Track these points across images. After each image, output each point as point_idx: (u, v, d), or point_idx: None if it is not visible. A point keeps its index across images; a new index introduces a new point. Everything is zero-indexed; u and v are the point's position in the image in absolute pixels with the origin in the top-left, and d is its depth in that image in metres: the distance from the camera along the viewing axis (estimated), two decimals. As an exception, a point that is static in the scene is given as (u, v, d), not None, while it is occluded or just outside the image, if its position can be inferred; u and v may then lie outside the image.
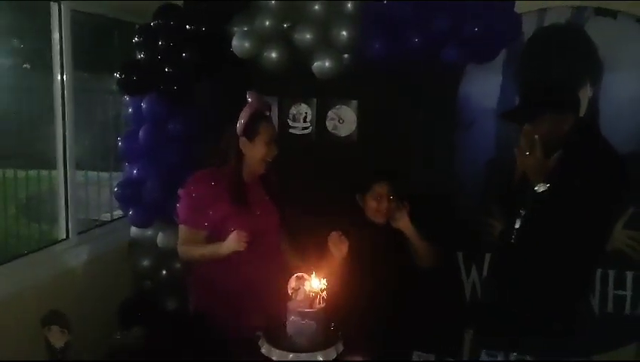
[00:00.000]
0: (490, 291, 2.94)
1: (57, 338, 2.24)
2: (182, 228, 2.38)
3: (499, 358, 2.05)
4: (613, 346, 3.00)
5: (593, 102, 2.96)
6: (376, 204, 2.56)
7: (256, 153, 2.34)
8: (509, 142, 2.71)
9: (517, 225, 2.39)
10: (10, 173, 3.19)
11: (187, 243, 2.36)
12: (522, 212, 2.38)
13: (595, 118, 2.93)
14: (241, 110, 2.32)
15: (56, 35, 3.03)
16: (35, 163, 3.31)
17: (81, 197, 3.36)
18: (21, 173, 3.25)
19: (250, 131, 2.32)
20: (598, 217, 2.26)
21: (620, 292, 2.97)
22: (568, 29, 2.99)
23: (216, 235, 2.32)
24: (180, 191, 2.37)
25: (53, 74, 3.04)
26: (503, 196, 2.58)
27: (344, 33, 2.83)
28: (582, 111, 2.91)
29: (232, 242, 2.21)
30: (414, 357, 2.07)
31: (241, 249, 2.20)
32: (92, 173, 3.68)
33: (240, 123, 2.31)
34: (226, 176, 2.34)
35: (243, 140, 2.32)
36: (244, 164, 2.36)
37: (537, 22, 3.02)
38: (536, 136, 2.23)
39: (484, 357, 2.08)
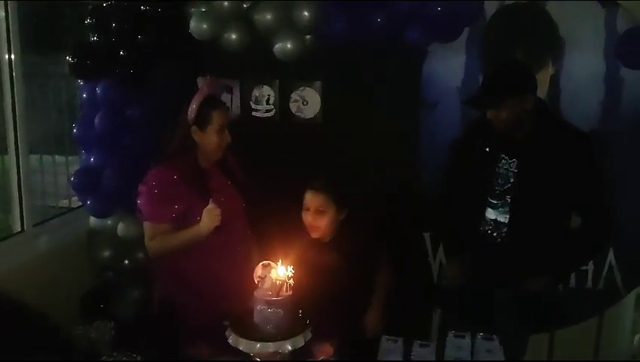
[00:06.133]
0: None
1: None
2: (147, 224, 2.30)
3: (466, 339, 2.05)
4: (576, 320, 3.06)
5: (555, 81, 2.97)
6: (307, 218, 2.36)
7: (208, 142, 2.28)
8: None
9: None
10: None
11: (155, 238, 2.28)
12: (497, 189, 2.40)
13: (557, 96, 2.95)
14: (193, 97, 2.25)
15: (1, 13, 2.89)
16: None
17: (36, 183, 3.23)
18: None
19: (200, 120, 2.25)
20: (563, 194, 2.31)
21: (582, 268, 3.02)
22: (529, 8, 2.98)
23: (182, 227, 2.26)
24: (141, 187, 2.29)
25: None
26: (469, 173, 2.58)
27: (306, 13, 2.77)
28: (544, 90, 2.94)
29: (207, 219, 2.17)
30: (383, 342, 2.06)
31: (217, 223, 2.16)
32: (47, 158, 3.54)
33: (190, 111, 2.24)
34: (184, 167, 2.27)
35: (194, 129, 2.25)
36: (199, 151, 2.30)
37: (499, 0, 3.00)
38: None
39: (451, 338, 2.08)
